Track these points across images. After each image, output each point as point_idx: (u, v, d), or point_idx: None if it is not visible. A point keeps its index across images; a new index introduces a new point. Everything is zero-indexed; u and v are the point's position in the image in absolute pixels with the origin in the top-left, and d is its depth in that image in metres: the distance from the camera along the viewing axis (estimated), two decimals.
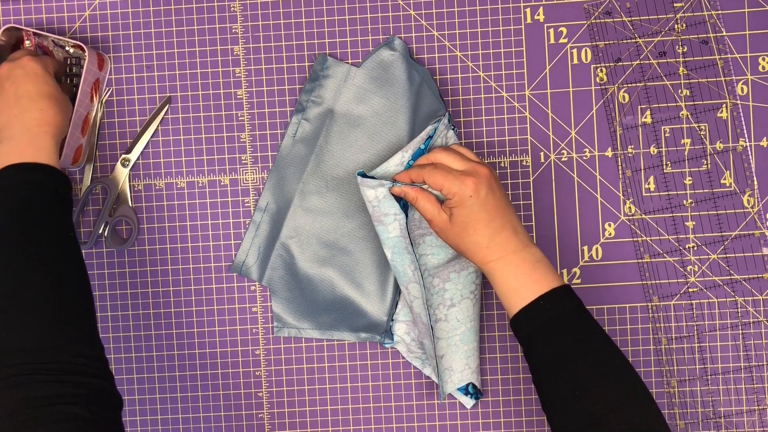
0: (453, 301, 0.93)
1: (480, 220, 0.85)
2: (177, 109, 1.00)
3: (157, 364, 1.00)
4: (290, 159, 0.98)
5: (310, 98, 0.98)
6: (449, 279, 0.93)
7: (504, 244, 0.85)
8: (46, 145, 0.86)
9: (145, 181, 1.00)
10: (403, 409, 0.99)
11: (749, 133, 0.97)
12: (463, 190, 0.85)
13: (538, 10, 0.98)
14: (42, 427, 0.72)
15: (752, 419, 0.97)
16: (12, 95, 0.87)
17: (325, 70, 0.98)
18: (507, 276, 0.84)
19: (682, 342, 0.98)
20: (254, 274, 0.99)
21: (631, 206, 0.98)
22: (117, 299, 1.00)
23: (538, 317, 0.83)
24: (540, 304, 0.82)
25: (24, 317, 0.77)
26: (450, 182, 0.85)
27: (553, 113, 0.98)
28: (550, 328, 0.82)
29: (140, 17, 1.00)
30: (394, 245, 0.91)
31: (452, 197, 0.85)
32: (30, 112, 0.86)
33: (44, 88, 0.88)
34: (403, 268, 0.92)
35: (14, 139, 0.85)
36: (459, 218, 0.85)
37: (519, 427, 0.99)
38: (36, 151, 0.85)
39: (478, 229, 0.85)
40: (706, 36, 0.97)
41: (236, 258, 0.99)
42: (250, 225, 0.98)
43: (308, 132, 0.98)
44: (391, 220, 0.91)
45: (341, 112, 0.97)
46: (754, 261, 0.97)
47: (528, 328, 0.83)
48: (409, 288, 0.92)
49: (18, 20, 1.00)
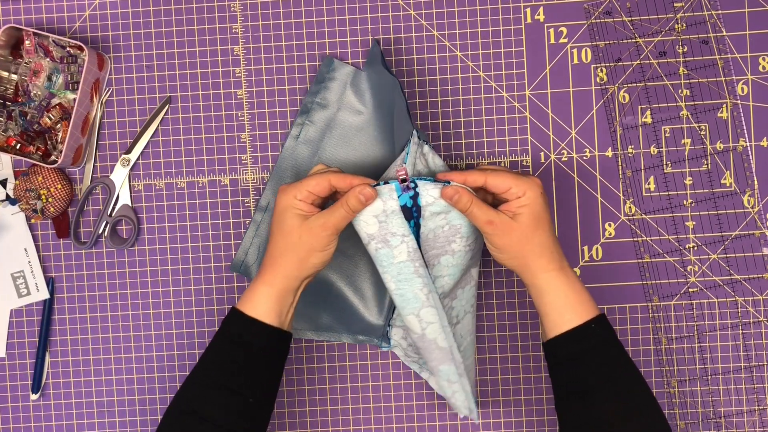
0: (459, 318, 0.91)
1: (548, 221, 0.83)
2: (177, 109, 1.00)
3: (157, 364, 1.00)
4: (292, 160, 0.98)
5: (315, 100, 0.98)
6: (456, 296, 0.90)
7: (560, 254, 0.84)
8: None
9: (145, 181, 1.00)
10: (403, 409, 0.99)
11: (749, 133, 0.97)
12: (533, 189, 0.83)
13: (538, 10, 0.98)
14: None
15: (752, 419, 0.97)
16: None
17: (331, 72, 0.97)
18: (563, 289, 0.82)
19: (682, 342, 0.98)
20: (253, 273, 0.99)
21: (631, 206, 0.98)
22: (117, 299, 1.00)
23: (587, 341, 0.81)
24: (591, 328, 0.81)
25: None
26: (519, 180, 0.83)
27: (553, 113, 0.98)
28: (597, 355, 0.81)
29: (140, 17, 1.00)
30: (399, 271, 0.86)
31: (522, 195, 0.82)
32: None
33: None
34: (414, 294, 0.86)
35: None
36: (528, 218, 0.82)
37: (519, 428, 0.99)
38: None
39: (547, 230, 0.83)
40: (706, 36, 0.97)
41: (236, 256, 0.98)
42: (251, 224, 0.98)
43: (312, 134, 0.98)
44: (398, 242, 0.85)
45: (344, 115, 0.97)
46: (754, 261, 0.97)
47: (573, 349, 0.82)
48: (421, 314, 0.87)
49: (18, 20, 1.00)
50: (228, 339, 0.85)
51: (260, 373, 0.84)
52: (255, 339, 0.84)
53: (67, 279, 1.00)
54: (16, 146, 0.96)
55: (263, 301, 0.84)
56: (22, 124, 0.97)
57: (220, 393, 0.82)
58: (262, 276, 0.85)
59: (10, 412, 1.01)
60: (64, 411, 1.01)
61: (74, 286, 1.00)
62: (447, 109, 0.98)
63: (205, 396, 0.83)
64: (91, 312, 1.00)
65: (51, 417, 1.01)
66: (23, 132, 0.97)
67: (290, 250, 0.84)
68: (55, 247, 1.00)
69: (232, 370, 0.83)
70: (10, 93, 0.98)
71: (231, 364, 0.83)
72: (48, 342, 1.00)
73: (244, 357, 0.83)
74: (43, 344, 1.00)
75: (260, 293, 0.85)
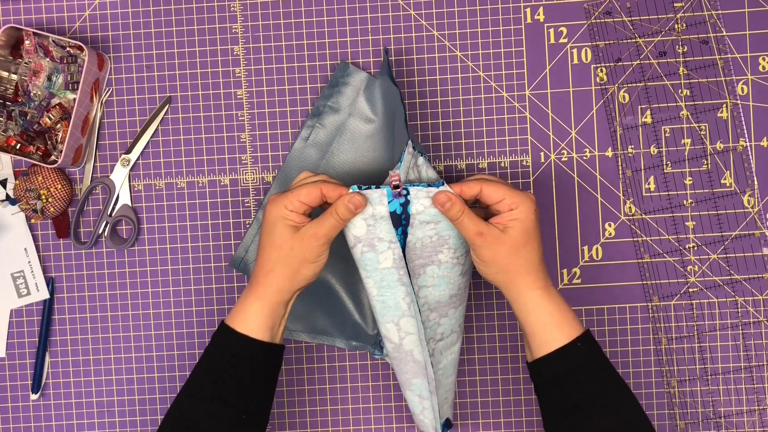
0: (443, 336, 0.89)
1: (537, 238, 0.82)
2: (177, 109, 1.00)
3: (157, 364, 1.00)
4: (300, 161, 0.98)
5: (328, 104, 0.97)
6: (446, 315, 0.89)
7: (546, 274, 0.83)
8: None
9: (145, 181, 1.00)
10: (403, 409, 0.99)
11: (749, 133, 0.97)
12: (527, 204, 0.81)
13: (538, 10, 0.98)
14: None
15: (752, 419, 0.97)
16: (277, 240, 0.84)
17: (346, 77, 0.97)
18: (549, 308, 0.82)
19: (682, 342, 0.98)
20: (251, 272, 0.99)
21: (631, 206, 0.98)
22: (117, 299, 1.00)
23: (573, 359, 0.81)
24: (577, 347, 0.81)
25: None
26: (514, 193, 0.82)
27: (553, 113, 0.98)
28: (584, 372, 0.81)
29: (140, 17, 1.00)
30: (383, 278, 0.85)
31: (515, 207, 0.81)
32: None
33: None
34: (395, 302, 0.85)
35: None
36: (518, 232, 0.81)
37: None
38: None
39: (536, 247, 0.82)
40: (706, 36, 0.97)
41: (236, 253, 0.98)
42: (253, 221, 0.98)
43: (321, 137, 0.98)
44: (384, 248, 0.84)
45: (355, 122, 0.97)
46: (754, 261, 0.97)
47: (560, 368, 0.81)
48: (401, 324, 0.86)
49: (18, 20, 1.00)
50: (219, 354, 0.84)
51: (254, 387, 0.83)
52: (247, 354, 0.83)
53: (67, 279, 1.00)
54: (16, 146, 0.96)
55: (255, 315, 0.83)
56: (22, 124, 0.97)
57: (213, 404, 0.82)
58: (253, 289, 0.84)
59: (10, 412, 1.01)
60: (64, 411, 1.01)
61: (74, 286, 1.00)
62: (447, 109, 0.98)
63: (198, 407, 0.82)
64: (91, 312, 1.00)
65: (51, 417, 1.01)
66: (23, 132, 0.97)
67: (282, 263, 0.83)
68: (55, 247, 1.00)
69: (225, 383, 0.82)
70: (10, 93, 0.98)
71: (224, 378, 0.82)
72: (48, 342, 1.00)
73: (237, 371, 0.82)
74: (43, 344, 1.00)
75: (252, 308, 0.83)
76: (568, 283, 0.98)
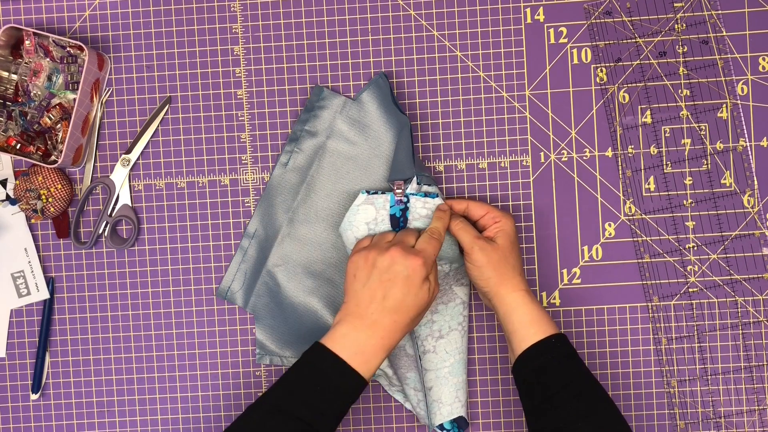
0: (441, 333, 0.94)
1: (517, 248, 0.92)
2: (177, 109, 1.00)
3: (157, 364, 1.00)
4: (281, 187, 0.98)
5: (304, 128, 0.98)
6: (437, 311, 0.95)
7: (526, 279, 0.92)
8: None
9: (145, 181, 1.00)
10: (403, 409, 0.99)
11: (749, 133, 0.97)
12: (508, 218, 0.92)
13: (538, 10, 0.98)
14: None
15: (752, 419, 0.97)
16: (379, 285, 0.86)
17: (321, 101, 0.97)
18: (530, 307, 0.89)
19: (682, 342, 0.98)
20: (239, 300, 0.99)
21: (631, 206, 0.98)
22: (117, 299, 1.00)
23: (550, 353, 0.88)
24: (552, 341, 0.88)
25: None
26: (496, 209, 0.92)
27: (553, 113, 0.98)
28: (558, 364, 0.87)
29: (140, 17, 1.00)
30: None
31: (499, 221, 0.91)
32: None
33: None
34: None
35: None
36: (505, 240, 0.91)
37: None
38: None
39: (517, 255, 0.91)
40: (706, 36, 0.97)
41: (222, 283, 0.98)
42: (238, 250, 0.98)
43: (300, 162, 0.98)
44: None
45: (334, 144, 0.97)
46: (754, 261, 0.97)
47: (538, 362, 0.87)
48: None
49: (18, 20, 1.00)
50: (327, 383, 0.85)
51: (341, 417, 0.86)
52: (357, 393, 0.85)
53: (67, 279, 1.00)
54: (16, 146, 0.96)
55: (377, 360, 0.85)
56: (22, 124, 0.97)
57: (300, 426, 0.83)
58: (378, 333, 0.85)
59: (10, 412, 1.01)
60: (64, 411, 1.01)
61: (74, 286, 1.00)
62: (447, 109, 0.98)
63: (285, 427, 0.83)
64: (91, 312, 1.00)
65: (51, 417, 1.01)
66: (23, 132, 0.97)
67: (419, 312, 0.87)
68: (55, 247, 1.00)
69: (325, 414, 0.84)
70: (10, 93, 0.98)
71: (323, 409, 0.84)
72: (48, 342, 1.00)
73: (340, 406, 0.85)
74: (43, 344, 1.00)
75: (376, 356, 0.85)
76: (568, 283, 0.98)
